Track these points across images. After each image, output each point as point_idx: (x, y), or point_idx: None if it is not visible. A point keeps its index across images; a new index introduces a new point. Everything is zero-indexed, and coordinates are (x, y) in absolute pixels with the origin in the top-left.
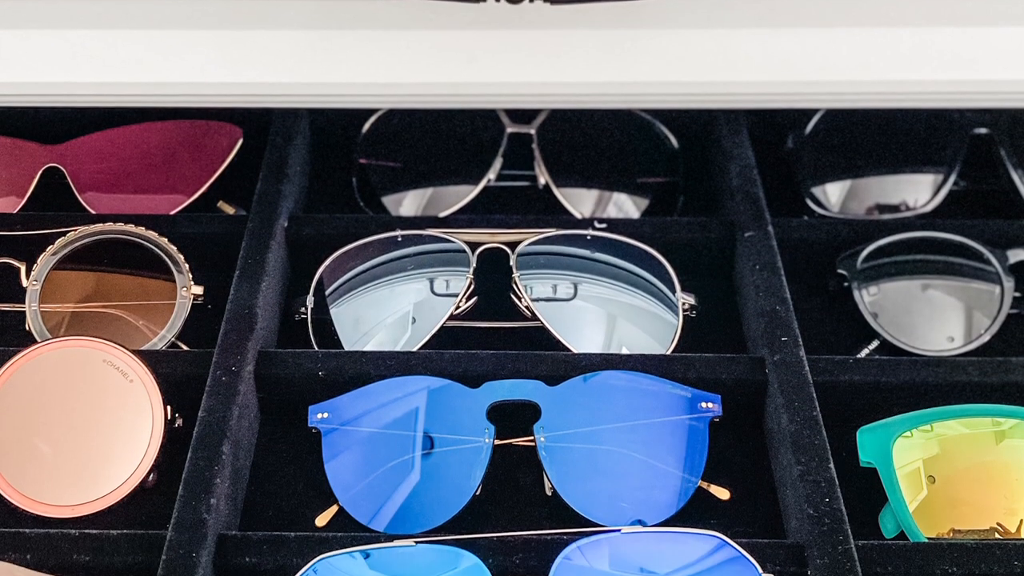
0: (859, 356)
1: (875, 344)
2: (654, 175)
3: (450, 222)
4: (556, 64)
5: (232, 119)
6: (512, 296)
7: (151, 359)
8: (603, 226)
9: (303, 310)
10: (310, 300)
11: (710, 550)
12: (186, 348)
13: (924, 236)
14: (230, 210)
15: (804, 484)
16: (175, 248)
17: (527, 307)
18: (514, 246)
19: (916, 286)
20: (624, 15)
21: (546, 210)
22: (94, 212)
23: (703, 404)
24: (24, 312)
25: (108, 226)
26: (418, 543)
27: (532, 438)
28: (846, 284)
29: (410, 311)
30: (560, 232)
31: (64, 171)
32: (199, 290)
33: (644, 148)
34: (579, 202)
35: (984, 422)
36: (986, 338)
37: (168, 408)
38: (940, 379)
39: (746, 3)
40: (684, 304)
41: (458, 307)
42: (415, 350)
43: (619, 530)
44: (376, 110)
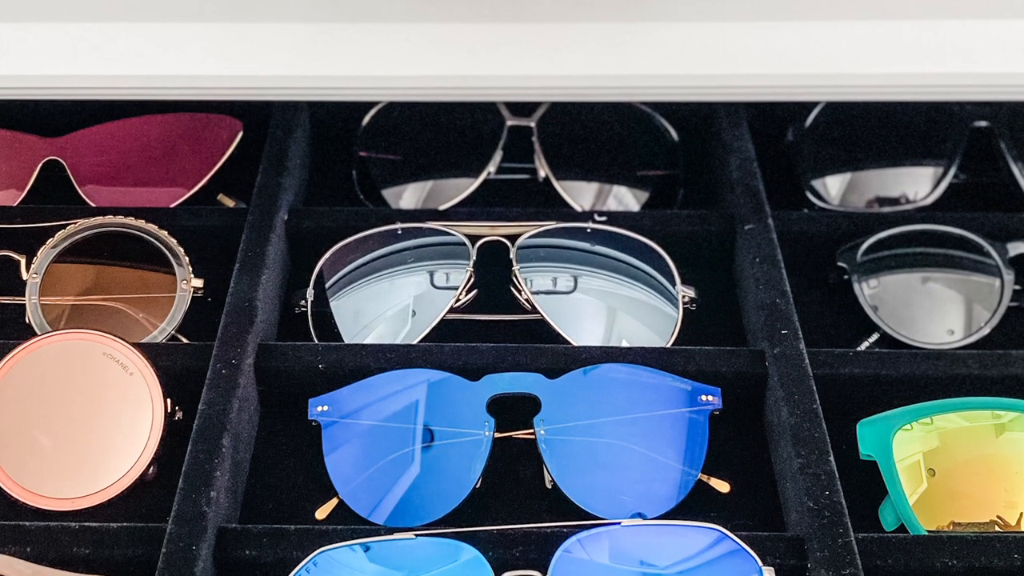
0: (859, 349)
1: (875, 337)
2: (654, 168)
3: (450, 215)
4: (556, 57)
5: (232, 112)
6: (512, 289)
7: (151, 352)
8: (603, 219)
9: (303, 303)
10: (310, 293)
11: (710, 543)
12: (186, 341)
13: (924, 229)
14: (230, 203)
15: (804, 477)
16: (175, 241)
17: (527, 300)
18: (514, 239)
19: (916, 279)
20: (624, 8)
21: (546, 203)
22: (94, 205)
23: (703, 397)
24: (24, 305)
25: (108, 219)
26: (418, 536)
27: (532, 431)
28: (846, 277)
29: (410, 304)
30: (560, 225)
31: (64, 164)
32: (199, 283)
33: (644, 141)
34: (579, 195)
35: (984, 415)
36: (986, 331)
37: (168, 401)
38: (940, 372)
39: None
40: (684, 297)
41: (458, 300)
42: (415, 343)
43: (619, 523)
44: (376, 103)
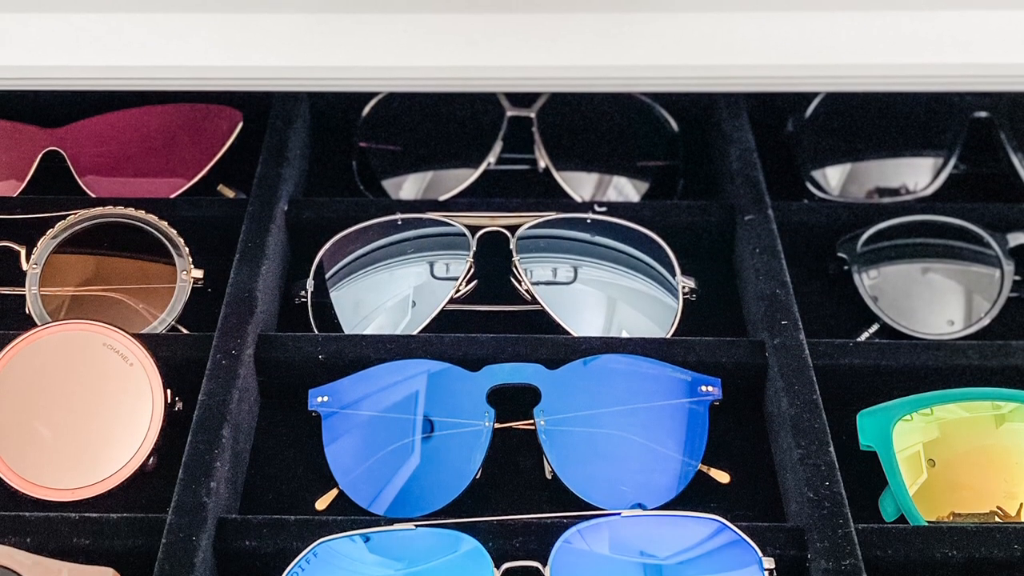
0: (859, 340)
1: (875, 327)
2: (654, 159)
3: (450, 206)
4: (556, 48)
5: (232, 102)
6: (512, 279)
7: (151, 342)
8: (603, 210)
9: (303, 294)
10: (310, 284)
11: (710, 534)
12: (186, 331)
13: (924, 220)
14: (230, 193)
15: (804, 467)
16: (175, 231)
17: (527, 290)
18: (514, 229)
19: (916, 270)
20: None
21: (546, 193)
22: (94, 195)
23: (703, 387)
24: (24, 295)
25: (108, 209)
26: (418, 527)
27: (532, 422)
28: (846, 267)
29: (410, 295)
30: (560, 215)
31: (64, 154)
32: (199, 273)
33: (644, 132)
34: (579, 186)
35: (984, 406)
36: (986, 322)
37: (168, 391)
38: (940, 363)
39: None
40: (684, 287)
41: (458, 290)
42: (415, 334)
43: (619, 514)
44: (376, 93)
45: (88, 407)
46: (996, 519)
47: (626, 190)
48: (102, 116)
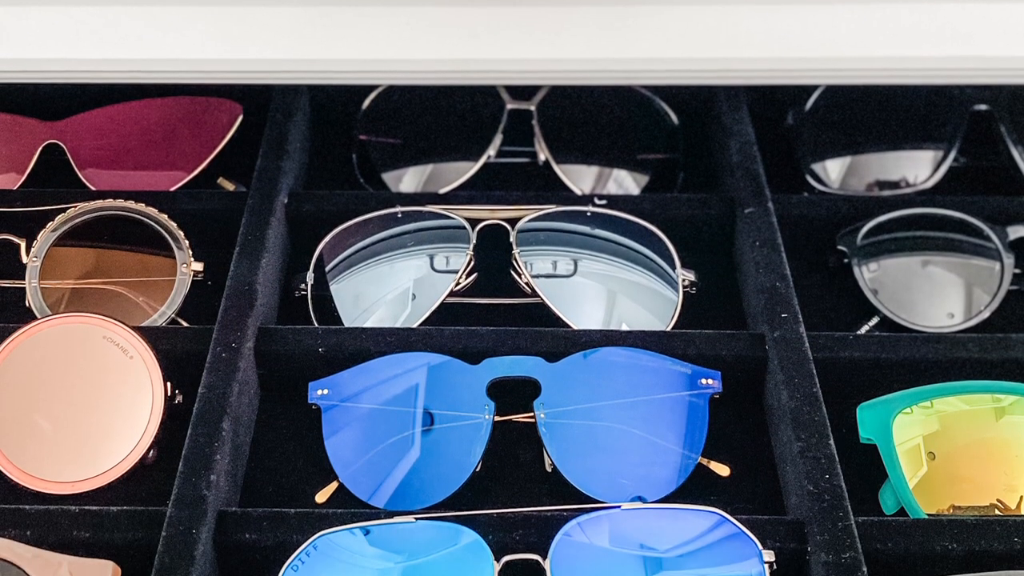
0: (859, 333)
1: (875, 320)
2: (654, 151)
3: (450, 198)
4: (556, 40)
5: (232, 95)
6: (512, 272)
7: (151, 335)
8: (603, 202)
9: (303, 286)
10: (310, 277)
11: (710, 526)
12: (186, 324)
13: (924, 212)
14: (230, 186)
15: (804, 460)
16: (175, 224)
17: (527, 283)
18: (514, 222)
19: (916, 262)
20: None
21: (546, 186)
22: (94, 188)
23: (703, 380)
24: (24, 288)
25: (108, 202)
26: (418, 519)
27: (532, 414)
28: (846, 260)
29: (410, 287)
30: (560, 208)
31: (64, 147)
32: (199, 266)
33: (644, 124)
34: (579, 178)
35: (984, 398)
36: (986, 314)
37: (168, 384)
38: (940, 355)
39: None
40: (684, 280)
41: (458, 283)
42: (415, 326)
43: (619, 506)
44: (376, 86)
45: (88, 400)
46: (996, 512)
47: (626, 183)
48: (102, 109)
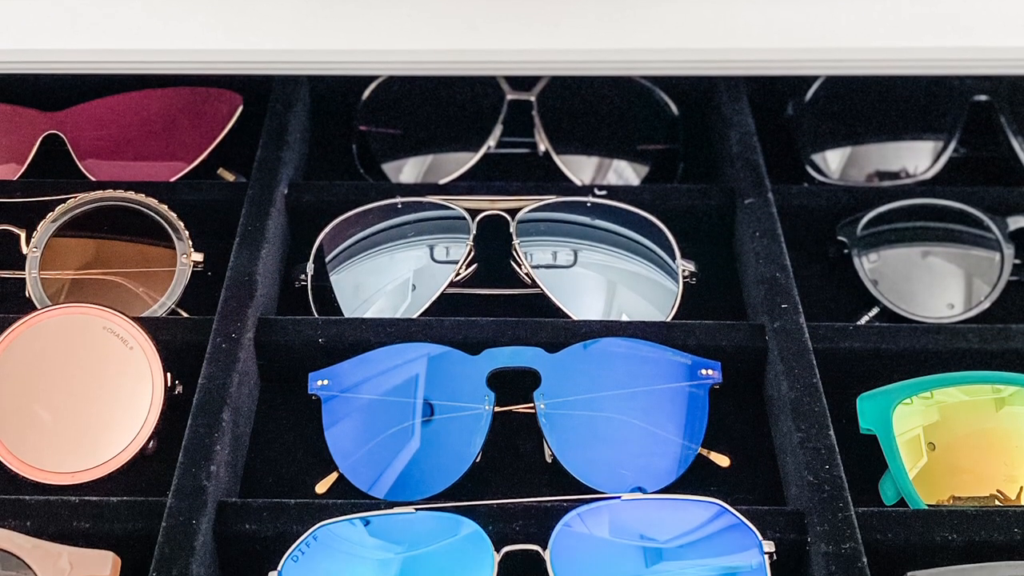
0: (859, 323)
1: (875, 311)
2: (654, 142)
3: (450, 189)
4: (556, 31)
5: (232, 86)
6: (512, 263)
7: (151, 326)
8: (603, 193)
9: (303, 277)
10: (310, 267)
11: (710, 517)
12: (186, 315)
13: (924, 203)
14: (230, 177)
15: (804, 451)
16: (175, 215)
17: (527, 274)
18: (514, 213)
19: (916, 253)
20: None
21: (546, 177)
22: (94, 179)
23: (703, 371)
24: (24, 279)
25: (108, 193)
26: (418, 510)
27: (532, 405)
28: (846, 251)
29: (410, 278)
30: (560, 199)
31: (64, 138)
32: (199, 257)
33: (644, 115)
34: (579, 169)
35: (984, 389)
36: (986, 305)
37: (168, 375)
38: (940, 346)
39: None
40: (684, 271)
41: (458, 274)
42: (415, 317)
43: (619, 497)
44: (376, 77)
45: (88, 391)
46: (996, 503)
47: (626, 174)
48: (102, 100)
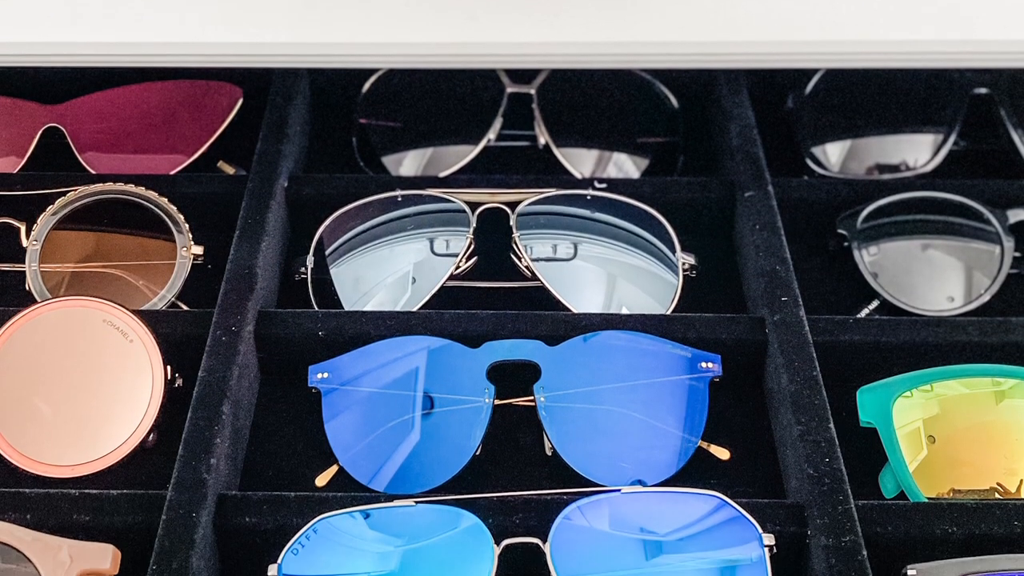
0: (859, 316)
1: (875, 304)
2: (654, 135)
3: (450, 182)
4: (556, 23)
5: (232, 79)
6: (512, 256)
7: (151, 319)
8: (603, 186)
9: (303, 270)
10: (310, 260)
11: (710, 510)
12: (186, 308)
13: (924, 196)
14: (230, 170)
15: (804, 444)
16: (175, 208)
17: (527, 267)
18: (514, 206)
19: (916, 246)
20: None
21: (546, 170)
22: (94, 172)
23: (703, 364)
24: (24, 272)
25: (108, 186)
26: (418, 503)
27: (532, 398)
28: (846, 244)
29: (410, 271)
30: (560, 192)
31: (64, 131)
32: (199, 250)
33: (644, 108)
34: (579, 162)
35: (984, 382)
36: (986, 298)
37: (168, 368)
38: (940, 339)
39: None
40: (684, 264)
41: (458, 267)
42: (415, 310)
43: (619, 490)
44: (376, 70)
45: (88, 384)
46: (996, 496)
47: (626, 166)
48: (102, 92)
